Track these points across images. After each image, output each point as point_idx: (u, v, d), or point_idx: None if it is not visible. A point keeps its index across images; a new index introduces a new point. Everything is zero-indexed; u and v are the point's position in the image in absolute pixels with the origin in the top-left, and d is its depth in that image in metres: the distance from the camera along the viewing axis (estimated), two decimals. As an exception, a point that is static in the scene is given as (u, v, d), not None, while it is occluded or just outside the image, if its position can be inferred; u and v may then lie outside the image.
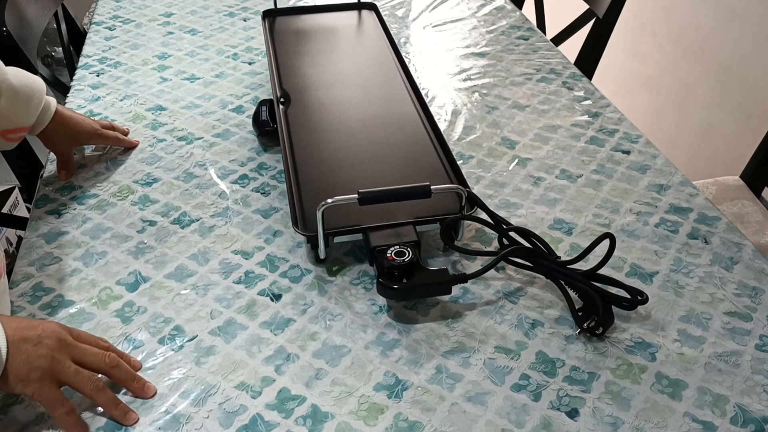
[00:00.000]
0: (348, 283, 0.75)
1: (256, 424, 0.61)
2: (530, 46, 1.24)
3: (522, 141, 0.98)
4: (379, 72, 1.06)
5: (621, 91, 2.21)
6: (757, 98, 1.66)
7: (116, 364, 0.62)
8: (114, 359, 0.62)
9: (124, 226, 0.83)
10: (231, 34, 1.29)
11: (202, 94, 1.10)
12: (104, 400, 0.61)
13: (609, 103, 1.07)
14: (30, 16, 1.20)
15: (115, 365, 0.62)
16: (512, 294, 0.74)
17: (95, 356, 0.62)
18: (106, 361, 0.62)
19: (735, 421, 0.60)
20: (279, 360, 0.66)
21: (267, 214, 0.85)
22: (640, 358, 0.66)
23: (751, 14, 1.64)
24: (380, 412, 0.62)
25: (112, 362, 0.62)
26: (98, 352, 0.62)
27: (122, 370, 0.63)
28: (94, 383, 0.60)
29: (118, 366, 0.62)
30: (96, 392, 0.60)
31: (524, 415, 0.61)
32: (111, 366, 0.62)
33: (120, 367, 0.62)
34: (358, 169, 0.85)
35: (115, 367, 0.62)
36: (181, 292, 0.74)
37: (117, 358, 0.63)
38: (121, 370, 0.62)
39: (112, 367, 0.62)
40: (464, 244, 0.80)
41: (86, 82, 1.14)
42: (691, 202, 0.86)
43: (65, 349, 0.60)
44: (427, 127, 0.93)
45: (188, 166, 0.94)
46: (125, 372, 0.63)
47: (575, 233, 0.81)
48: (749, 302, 0.72)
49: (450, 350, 0.67)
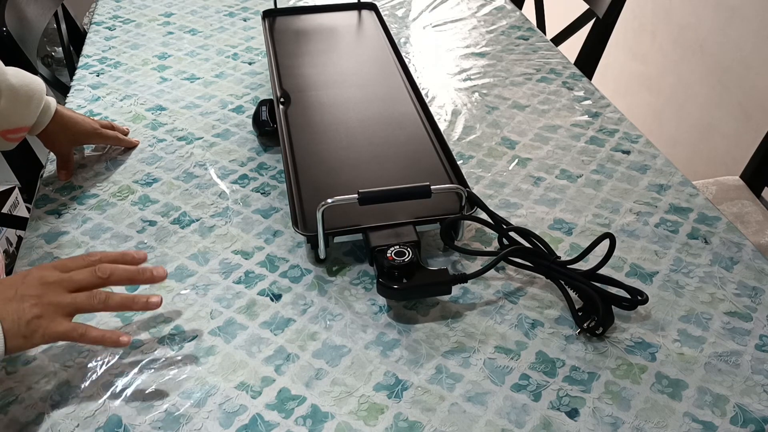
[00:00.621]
0: (348, 283, 0.75)
1: (256, 424, 0.61)
2: (530, 46, 1.24)
3: (522, 141, 0.98)
4: (379, 72, 1.06)
5: (621, 91, 2.21)
6: (757, 98, 1.66)
7: (110, 272, 0.62)
8: (105, 269, 0.62)
9: (124, 226, 0.83)
10: (231, 34, 1.29)
11: (202, 94, 1.10)
12: (116, 303, 0.61)
13: (609, 103, 1.07)
14: (30, 16, 1.20)
15: (110, 273, 0.62)
16: (512, 294, 0.74)
17: (85, 276, 0.61)
18: (98, 275, 0.62)
19: (735, 421, 0.60)
20: (279, 360, 0.66)
21: (267, 214, 0.85)
22: (640, 358, 0.66)
23: (751, 14, 1.64)
24: (380, 412, 0.62)
25: (105, 272, 0.62)
26: (87, 271, 0.62)
27: (120, 273, 0.62)
28: (96, 298, 0.61)
29: (113, 272, 0.62)
30: (103, 304, 0.61)
31: (524, 415, 0.61)
32: (105, 276, 0.62)
33: (116, 273, 0.62)
34: (358, 169, 0.85)
35: (111, 274, 0.62)
36: (181, 292, 0.74)
37: (108, 267, 0.62)
38: (119, 274, 0.62)
39: (108, 276, 0.62)
40: (464, 244, 0.80)
41: (86, 82, 1.14)
42: (691, 202, 0.86)
43: (52, 287, 0.60)
44: (427, 127, 0.93)
45: (188, 166, 0.94)
46: (125, 272, 0.63)
47: (575, 233, 0.81)
48: (749, 302, 0.72)
49: (450, 350, 0.67)
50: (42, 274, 0.61)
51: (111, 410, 0.62)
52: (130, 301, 0.64)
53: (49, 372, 0.65)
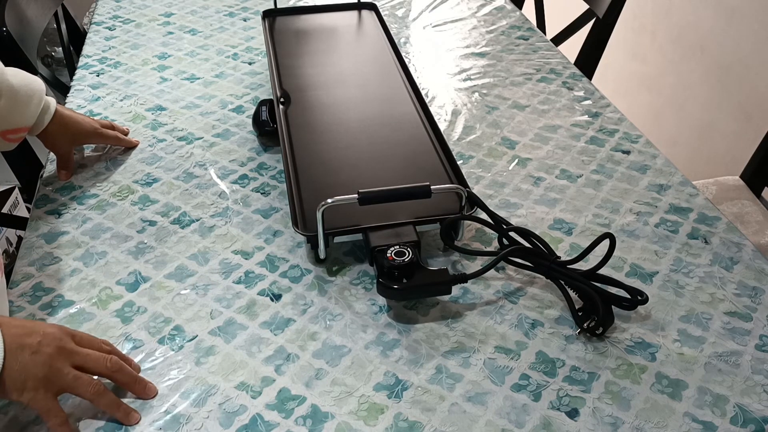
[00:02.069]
0: (348, 283, 0.75)
1: (256, 424, 0.61)
2: (530, 46, 1.24)
3: (522, 141, 0.98)
4: (379, 72, 1.06)
5: (621, 91, 2.21)
6: (757, 98, 1.66)
7: (119, 368, 0.62)
8: (116, 363, 0.62)
9: (124, 226, 0.83)
10: (231, 34, 1.29)
11: (202, 94, 1.10)
12: (106, 403, 0.60)
13: (609, 103, 1.07)
14: (30, 16, 1.20)
15: (118, 369, 0.62)
16: (512, 294, 0.74)
17: (97, 361, 0.61)
18: (108, 366, 0.61)
19: (735, 421, 0.60)
20: (279, 360, 0.66)
21: (267, 214, 0.85)
22: (640, 358, 0.66)
23: (751, 14, 1.64)
24: (380, 412, 0.62)
25: (114, 366, 0.62)
26: (100, 356, 0.61)
27: (125, 373, 0.62)
28: (95, 388, 0.60)
29: (120, 370, 0.62)
30: (97, 396, 0.60)
31: (524, 415, 0.61)
32: (113, 370, 0.62)
33: (123, 371, 0.62)
34: (358, 169, 0.85)
35: (118, 371, 0.62)
36: (181, 292, 0.74)
37: (119, 362, 0.62)
38: (123, 374, 0.62)
39: (115, 371, 0.62)
40: (464, 244, 0.80)
41: (86, 82, 1.14)
42: (691, 202, 0.86)
43: (64, 356, 0.59)
44: (427, 127, 0.93)
45: (188, 166, 0.94)
46: (128, 375, 0.62)
47: (575, 233, 0.81)
48: (749, 302, 0.72)
49: (450, 350, 0.67)
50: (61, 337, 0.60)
51: (111, 410, 0.62)
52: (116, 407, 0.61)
53: (49, 372, 0.65)
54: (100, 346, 0.63)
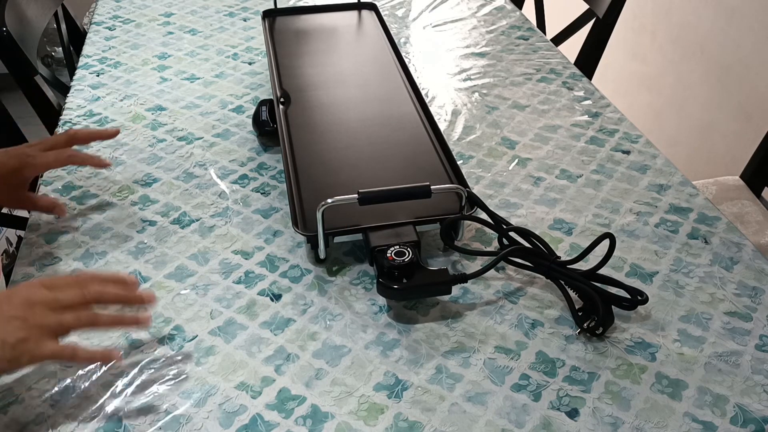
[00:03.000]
0: (348, 283, 0.75)
1: (256, 424, 0.61)
2: (530, 46, 1.24)
3: (522, 141, 0.98)
4: (379, 72, 1.06)
5: (621, 91, 2.21)
6: (757, 98, 1.66)
7: (99, 294, 0.60)
8: (95, 293, 0.60)
9: (124, 226, 0.83)
10: (231, 34, 1.29)
11: (202, 94, 1.10)
12: (105, 322, 0.59)
13: (609, 103, 1.07)
14: (30, 16, 1.20)
15: (98, 295, 0.60)
16: (512, 294, 0.74)
17: (73, 296, 0.59)
18: (85, 295, 0.59)
19: (735, 421, 0.60)
20: (279, 360, 0.66)
21: (267, 214, 0.85)
22: (640, 358, 0.66)
23: (751, 14, 1.64)
24: (380, 412, 0.62)
25: (93, 293, 0.60)
26: (75, 291, 0.60)
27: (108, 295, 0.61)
28: (84, 317, 0.59)
29: (102, 293, 0.60)
30: (91, 323, 0.59)
31: (524, 415, 0.61)
32: (94, 298, 0.60)
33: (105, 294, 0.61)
34: (358, 169, 0.85)
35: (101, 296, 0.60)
36: (181, 292, 0.74)
37: (97, 288, 0.60)
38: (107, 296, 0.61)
39: (96, 298, 0.60)
40: (464, 244, 0.80)
41: (86, 82, 1.14)
42: (691, 202, 0.86)
43: (38, 308, 0.58)
44: (427, 127, 0.93)
45: (188, 166, 0.94)
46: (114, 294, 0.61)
47: (575, 233, 0.81)
48: (749, 302, 0.72)
49: (450, 350, 0.67)
50: (28, 293, 0.59)
51: (111, 410, 0.62)
52: (119, 319, 0.62)
53: (49, 372, 0.65)
54: (75, 281, 0.61)
